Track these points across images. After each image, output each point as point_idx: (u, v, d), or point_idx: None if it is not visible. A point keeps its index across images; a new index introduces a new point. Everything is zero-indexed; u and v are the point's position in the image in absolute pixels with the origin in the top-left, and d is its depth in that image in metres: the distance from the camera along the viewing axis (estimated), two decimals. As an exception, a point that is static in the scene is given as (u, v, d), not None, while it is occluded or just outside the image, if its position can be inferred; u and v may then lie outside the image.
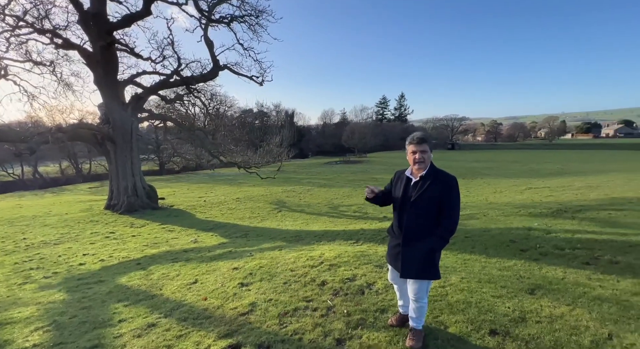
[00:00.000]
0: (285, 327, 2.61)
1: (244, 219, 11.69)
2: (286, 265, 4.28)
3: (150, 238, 8.15)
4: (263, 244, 6.43)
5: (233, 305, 3.13)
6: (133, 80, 13.95)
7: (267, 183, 20.65)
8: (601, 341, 2.14)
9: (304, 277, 3.75)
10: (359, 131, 52.99)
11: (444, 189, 2.07)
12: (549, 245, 4.53)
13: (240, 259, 4.95)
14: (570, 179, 16.46)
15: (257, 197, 16.70)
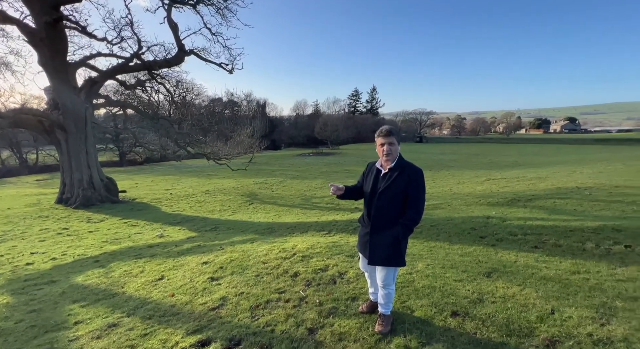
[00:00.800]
0: (257, 319, 2.59)
1: (213, 212, 11.33)
2: (258, 258, 4.23)
3: (110, 234, 7.63)
4: (234, 238, 6.29)
5: (203, 300, 3.04)
6: (86, 62, 12.70)
7: (238, 175, 20.13)
8: (545, 316, 2.38)
9: (276, 269, 3.74)
10: (332, 123, 53.18)
11: (410, 181, 2.16)
12: (504, 232, 4.93)
13: (210, 253, 4.80)
14: (523, 170, 17.92)
15: (227, 190, 16.24)
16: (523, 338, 2.14)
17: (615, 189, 8.46)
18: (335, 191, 2.39)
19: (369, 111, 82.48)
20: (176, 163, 31.06)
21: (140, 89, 15.48)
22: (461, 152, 39.36)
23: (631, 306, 2.48)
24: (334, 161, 32.42)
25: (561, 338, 2.11)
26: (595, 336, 2.11)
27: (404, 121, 77.28)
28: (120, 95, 16.98)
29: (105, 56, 13.28)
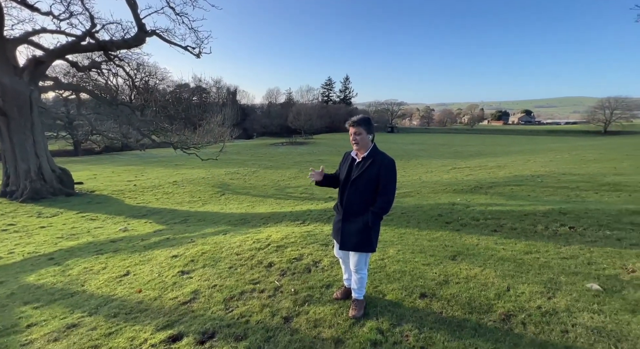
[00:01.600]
0: (232, 311, 2.56)
1: (182, 203, 10.88)
2: (231, 249, 4.15)
3: (66, 229, 7.06)
4: (205, 230, 6.10)
5: (173, 295, 2.93)
6: (28, 39, 11.29)
7: (209, 165, 19.39)
8: (502, 293, 2.60)
9: (250, 260, 3.69)
10: (305, 112, 52.70)
11: (381, 170, 2.22)
12: (468, 217, 5.26)
13: (180, 246, 4.63)
14: (485, 159, 19.14)
15: (197, 180, 15.61)
16: (483, 314, 2.33)
17: (562, 177, 9.34)
18: (314, 176, 2.44)
19: (342, 101, 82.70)
20: (140, 152, 29.17)
21: (95, 72, 14.14)
22: (429, 143, 41.05)
23: (573, 280, 2.79)
24: (307, 150, 32.32)
25: (515, 312, 2.32)
26: (543, 308, 2.35)
27: (376, 111, 78.56)
28: (72, 77, 15.39)
29: (52, 33, 11.87)
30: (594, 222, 4.40)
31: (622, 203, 5.75)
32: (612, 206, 5.40)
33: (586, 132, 57.28)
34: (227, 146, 35.32)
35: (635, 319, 2.17)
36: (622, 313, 2.25)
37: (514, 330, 2.12)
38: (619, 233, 3.99)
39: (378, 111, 78.77)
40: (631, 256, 3.22)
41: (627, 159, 12.91)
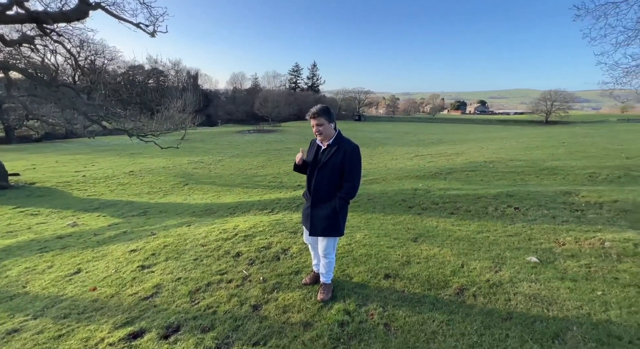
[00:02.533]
0: (198, 303, 2.50)
1: (141, 195, 10.19)
2: (196, 241, 4.00)
3: (1, 226, 6.29)
4: (168, 221, 5.81)
5: (132, 290, 2.78)
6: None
7: (169, 154, 18.26)
8: (457, 270, 2.84)
9: (217, 251, 3.60)
10: (273, 99, 51.35)
11: (346, 156, 2.27)
12: (428, 201, 5.60)
13: (140, 239, 4.36)
14: (445, 147, 20.31)
15: (157, 170, 14.66)
16: (440, 289, 2.52)
17: (510, 162, 10.25)
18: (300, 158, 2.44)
19: (310, 88, 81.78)
20: (88, 140, 26.52)
21: (28, 47, 12.33)
22: (395, 131, 42.44)
23: (516, 254, 3.12)
24: (275, 138, 31.74)
25: (467, 286, 2.55)
26: (491, 281, 2.61)
27: (344, 99, 78.97)
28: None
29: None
30: (535, 203, 4.93)
31: (557, 185, 6.48)
32: (549, 188, 6.07)
33: (531, 122, 63.11)
34: (190, 133, 33.44)
35: (563, 285, 2.50)
36: (553, 280, 2.57)
37: (466, 302, 2.33)
38: (554, 212, 4.52)
39: (346, 99, 79.22)
40: (563, 231, 3.67)
41: (563, 146, 14.50)
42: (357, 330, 2.07)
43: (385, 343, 1.94)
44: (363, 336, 2.02)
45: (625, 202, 4.60)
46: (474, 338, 1.94)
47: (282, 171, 13.66)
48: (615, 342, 1.85)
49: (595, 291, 2.39)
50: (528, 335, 1.93)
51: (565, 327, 1.99)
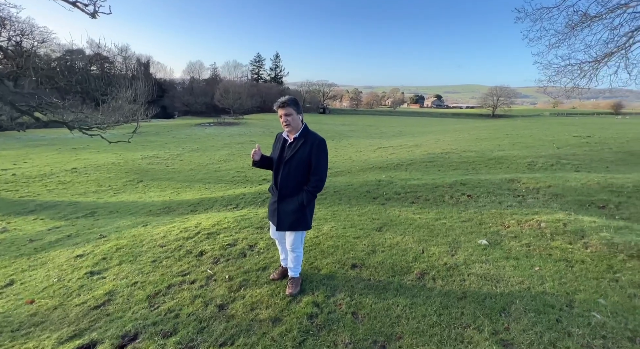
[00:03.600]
0: (158, 308, 2.35)
1: (87, 194, 9.25)
2: (154, 241, 3.75)
3: None
4: (120, 222, 5.35)
5: (80, 300, 2.52)
6: None
7: (119, 148, 16.74)
8: (418, 256, 3.01)
9: (177, 251, 3.41)
10: (234, 90, 49.33)
11: (312, 149, 2.26)
12: (391, 192, 5.83)
13: (87, 243, 3.97)
14: (405, 139, 21.26)
15: (105, 167, 13.38)
16: (403, 275, 2.66)
17: (463, 153, 11.06)
18: (255, 153, 2.35)
19: (274, 79, 79.88)
20: (18, 134, 23.25)
21: None
22: (359, 124, 43.37)
23: (469, 238, 3.39)
24: (238, 131, 30.65)
25: (427, 270, 2.72)
26: (447, 264, 2.81)
27: (308, 91, 78.59)
28: None
29: None
30: (484, 190, 5.38)
31: (503, 173, 7.14)
32: (496, 176, 6.67)
33: (480, 115, 68.55)
34: (143, 126, 30.89)
35: (508, 263, 2.78)
36: (500, 260, 2.85)
37: (426, 285, 2.49)
38: (500, 197, 4.98)
39: (310, 92, 78.90)
40: (507, 215, 4.07)
41: (507, 137, 16.00)
42: (326, 321, 2.11)
43: (353, 331, 2.00)
44: (332, 326, 2.06)
45: (557, 187, 5.23)
46: (434, 318, 2.08)
47: (246, 165, 13.26)
48: (549, 310, 2.10)
49: (534, 267, 2.70)
50: (480, 311, 2.12)
51: (510, 301, 2.22)
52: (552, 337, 1.85)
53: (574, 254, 2.85)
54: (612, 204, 4.52)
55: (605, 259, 2.70)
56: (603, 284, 2.37)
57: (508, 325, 1.97)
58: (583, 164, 7.77)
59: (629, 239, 2.90)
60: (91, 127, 12.15)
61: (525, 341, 1.84)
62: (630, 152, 9.04)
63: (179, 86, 66.72)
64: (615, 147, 10.26)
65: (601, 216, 3.98)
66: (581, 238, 3.09)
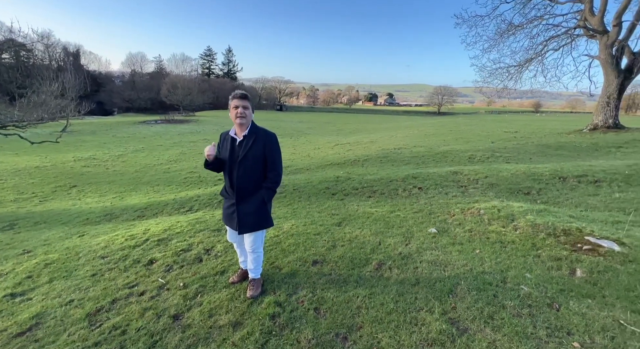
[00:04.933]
0: (100, 326, 2.12)
1: (4, 203, 7.94)
2: (94, 253, 3.37)
3: None
4: (49, 234, 4.70)
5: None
6: None
7: (46, 150, 14.63)
8: (375, 247, 3.15)
9: (122, 261, 3.10)
10: (183, 85, 46.17)
11: (266, 145, 2.23)
12: (349, 187, 6.00)
13: (6, 261, 3.41)
14: (361, 136, 22.01)
15: (27, 171, 11.60)
16: (362, 267, 2.76)
17: (413, 149, 11.82)
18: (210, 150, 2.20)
19: (226, 75, 76.57)
20: None
21: None
22: (316, 121, 43.70)
23: (420, 228, 3.65)
24: (190, 129, 28.79)
25: (384, 261, 2.86)
26: (402, 253, 2.99)
27: (264, 88, 76.87)
28: None
29: None
30: (433, 183, 5.83)
31: (448, 166, 7.80)
32: (443, 169, 7.27)
33: (428, 113, 73.89)
34: (75, 124, 27.35)
35: (454, 249, 3.05)
36: (448, 246, 3.12)
37: (384, 275, 2.62)
38: (446, 189, 5.43)
39: (266, 88, 77.25)
40: (453, 204, 4.46)
41: (450, 133, 17.50)
42: (288, 320, 2.10)
43: (316, 326, 2.02)
44: (295, 324, 2.06)
45: (492, 178, 5.87)
46: (391, 305, 2.20)
47: (200, 165, 12.53)
48: (488, 287, 2.36)
49: (475, 250, 3.00)
50: (431, 294, 2.30)
51: (456, 283, 2.44)
52: (491, 310, 2.09)
53: (506, 236, 3.23)
54: (534, 191, 5.22)
55: (530, 239, 3.11)
56: (529, 261, 2.73)
57: (455, 305, 2.17)
58: (512, 156, 8.83)
59: (548, 220, 3.38)
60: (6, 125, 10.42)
61: (469, 317, 2.04)
62: (547, 145, 10.52)
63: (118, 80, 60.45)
64: (536, 140, 11.85)
65: (527, 201, 4.58)
66: (512, 222, 3.52)
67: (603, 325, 1.90)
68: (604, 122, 13.53)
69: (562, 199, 4.83)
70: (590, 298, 2.16)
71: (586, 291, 2.24)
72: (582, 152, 9.21)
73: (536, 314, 2.03)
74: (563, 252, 2.78)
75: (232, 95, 2.21)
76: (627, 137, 11.17)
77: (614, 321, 1.93)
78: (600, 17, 13.38)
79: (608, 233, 2.99)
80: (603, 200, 4.65)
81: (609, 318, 1.95)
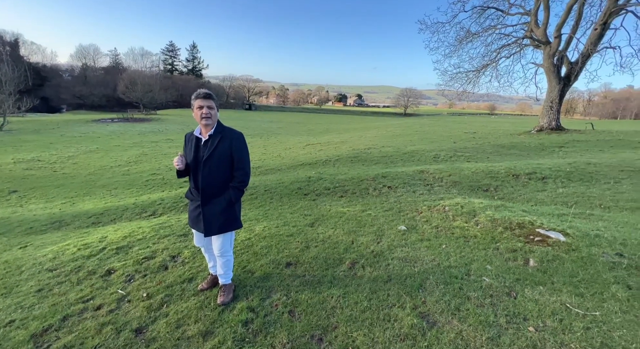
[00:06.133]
0: (49, 347, 1.90)
1: None
2: (39, 266, 3.03)
3: None
4: (-16, 247, 4.13)
5: None
6: None
7: (-22, 150, 12.89)
8: (348, 246, 3.18)
9: (75, 273, 2.83)
10: (143, 81, 43.35)
11: (232, 144, 2.17)
12: (321, 187, 6.02)
13: None
14: (332, 136, 22.23)
15: (-45, 175, 10.12)
16: (336, 267, 2.78)
17: (382, 149, 12.18)
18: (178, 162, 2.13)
19: (191, 72, 73.20)
20: None
21: None
22: (286, 121, 43.35)
23: (391, 226, 3.76)
24: (151, 128, 27.07)
25: (357, 259, 2.90)
26: (374, 251, 3.06)
27: (232, 87, 74.71)
28: None
29: None
30: (401, 182, 6.04)
31: (414, 165, 8.15)
32: (410, 168, 7.57)
33: (395, 114, 76.70)
34: (14, 122, 24.45)
35: (423, 245, 3.18)
36: (417, 242, 3.25)
37: (357, 274, 2.65)
38: (414, 187, 5.67)
39: (234, 87, 75.16)
40: (420, 202, 4.66)
41: (416, 134, 18.31)
42: (262, 325, 2.04)
43: (291, 329, 1.99)
44: (269, 328, 2.01)
45: (455, 176, 6.23)
46: (365, 303, 2.23)
47: (163, 166, 11.83)
48: (454, 281, 2.49)
49: (442, 245, 3.16)
50: (402, 290, 2.37)
51: (426, 278, 2.55)
52: (457, 303, 2.20)
53: (469, 231, 3.44)
54: (492, 188, 5.63)
55: (490, 233, 3.35)
56: (489, 253, 2.94)
57: (425, 299, 2.26)
58: (472, 155, 9.45)
59: (504, 214, 3.66)
60: None
61: (437, 310, 2.14)
62: (502, 145, 11.42)
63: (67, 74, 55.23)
64: (492, 141, 12.81)
65: (486, 198, 4.92)
66: (473, 217, 3.75)
67: (553, 309, 2.09)
68: (548, 124, 15.01)
69: (516, 195, 5.26)
70: (542, 285, 2.37)
71: (538, 279, 2.45)
72: (531, 152, 10.12)
73: (497, 303, 2.18)
74: (518, 244, 3.03)
75: (195, 95, 2.13)
76: (568, 138, 12.50)
77: (561, 305, 2.13)
78: (544, 29, 14.83)
79: (555, 225, 3.30)
80: (550, 195, 5.14)
81: (558, 303, 2.16)
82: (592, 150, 10.05)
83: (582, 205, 4.66)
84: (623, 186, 5.41)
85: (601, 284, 2.33)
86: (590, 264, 2.59)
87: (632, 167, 6.58)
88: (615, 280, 2.36)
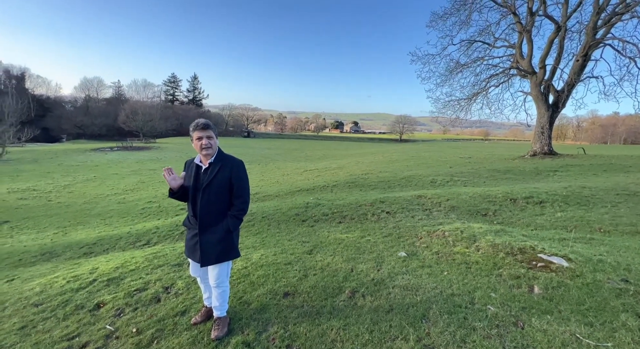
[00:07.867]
0: (28, 392, 1.76)
1: None
2: (25, 300, 2.89)
3: None
4: (-32, 280, 3.96)
5: None
6: None
7: (-26, 180, 12.81)
8: (348, 274, 3.10)
9: (62, 307, 2.70)
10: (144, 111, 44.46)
11: (233, 172, 2.18)
12: (319, 213, 5.97)
13: None
14: (329, 162, 22.46)
15: (-53, 205, 9.96)
16: (335, 297, 2.68)
17: (380, 174, 12.28)
18: (171, 179, 2.11)
19: (192, 101, 75.48)
20: None
21: None
22: (284, 147, 43.98)
23: (391, 252, 3.68)
24: (149, 156, 27.27)
25: (358, 288, 2.81)
26: (375, 279, 2.97)
27: (231, 115, 76.76)
28: None
29: None
30: (400, 207, 6.02)
31: (412, 190, 8.17)
32: (408, 193, 7.59)
33: (391, 140, 78.34)
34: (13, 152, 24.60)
35: (424, 271, 3.10)
36: (418, 269, 3.17)
37: (357, 304, 2.56)
38: (412, 212, 5.64)
39: (233, 116, 77.21)
40: (419, 227, 4.61)
41: (412, 159, 18.58)
42: (258, 362, 1.92)
43: (289, 367, 1.87)
44: (265, 366, 1.89)
45: (453, 200, 6.24)
46: (366, 336, 2.13)
47: (160, 193, 11.76)
48: (458, 310, 2.40)
49: (443, 272, 3.08)
50: (405, 321, 2.27)
51: (429, 307, 2.45)
52: (462, 334, 2.10)
53: (470, 257, 3.38)
54: (490, 212, 5.61)
55: (491, 258, 3.28)
56: (492, 280, 2.86)
57: (429, 330, 2.16)
58: (468, 180, 9.53)
59: (505, 239, 3.62)
60: None
61: (442, 342, 2.03)
62: (497, 170, 11.56)
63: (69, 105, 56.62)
64: (488, 165, 12.99)
65: (485, 222, 4.89)
66: (474, 242, 3.70)
67: (563, 340, 2.00)
68: (541, 149, 15.35)
69: (515, 219, 5.24)
70: (549, 314, 2.29)
71: (544, 307, 2.37)
72: (526, 176, 10.23)
73: (504, 334, 2.09)
74: (521, 270, 2.96)
75: (193, 126, 2.15)
76: (561, 162, 12.72)
77: (571, 336, 2.04)
78: (529, 60, 15.70)
79: (556, 250, 3.26)
80: (548, 219, 5.13)
81: (567, 333, 2.07)
82: (585, 174, 10.20)
83: (582, 229, 4.63)
84: (621, 210, 5.43)
85: (610, 313, 2.25)
86: (596, 291, 2.53)
87: (627, 190, 6.65)
88: (624, 308, 2.29)
